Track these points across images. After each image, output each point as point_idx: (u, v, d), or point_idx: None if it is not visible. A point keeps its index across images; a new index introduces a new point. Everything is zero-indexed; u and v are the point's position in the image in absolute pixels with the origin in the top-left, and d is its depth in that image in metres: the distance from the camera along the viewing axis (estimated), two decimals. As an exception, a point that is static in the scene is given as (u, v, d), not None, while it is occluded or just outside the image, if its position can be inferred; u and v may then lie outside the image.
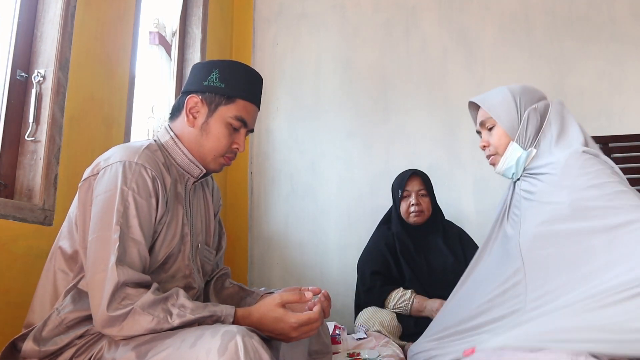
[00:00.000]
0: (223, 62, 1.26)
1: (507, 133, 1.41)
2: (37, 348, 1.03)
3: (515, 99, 1.41)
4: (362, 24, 3.03)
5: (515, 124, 1.40)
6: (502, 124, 1.41)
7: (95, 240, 1.04)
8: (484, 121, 1.46)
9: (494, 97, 1.44)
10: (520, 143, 1.39)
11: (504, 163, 1.42)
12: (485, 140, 1.47)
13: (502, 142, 1.42)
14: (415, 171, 2.29)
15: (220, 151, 1.23)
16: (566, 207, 1.24)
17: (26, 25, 1.60)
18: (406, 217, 2.22)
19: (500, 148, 1.44)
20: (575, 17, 2.84)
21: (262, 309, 1.09)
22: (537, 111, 1.40)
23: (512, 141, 1.40)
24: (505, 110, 1.41)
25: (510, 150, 1.40)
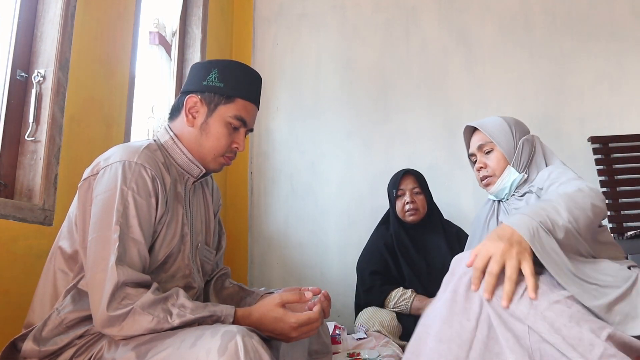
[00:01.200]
0: (222, 62, 1.26)
1: (505, 157, 1.52)
2: (37, 348, 1.03)
3: (511, 128, 1.55)
4: (362, 24, 3.03)
5: (512, 150, 1.52)
6: (502, 149, 1.52)
7: (95, 240, 1.04)
8: (482, 145, 1.57)
9: (493, 124, 1.57)
10: (515, 167, 1.52)
11: (500, 184, 1.52)
12: (483, 162, 1.56)
13: (500, 165, 1.54)
14: (407, 170, 2.30)
15: (220, 151, 1.23)
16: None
17: (26, 25, 1.60)
18: (402, 216, 2.23)
19: (498, 170, 1.55)
20: (575, 17, 2.84)
21: (262, 309, 1.09)
22: (529, 142, 1.54)
23: (509, 165, 1.52)
24: (504, 137, 1.54)
25: (507, 173, 1.52)
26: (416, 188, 2.24)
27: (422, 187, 2.25)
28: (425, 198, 2.25)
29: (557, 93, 2.77)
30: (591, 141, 2.67)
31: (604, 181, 2.60)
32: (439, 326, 0.94)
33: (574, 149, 2.69)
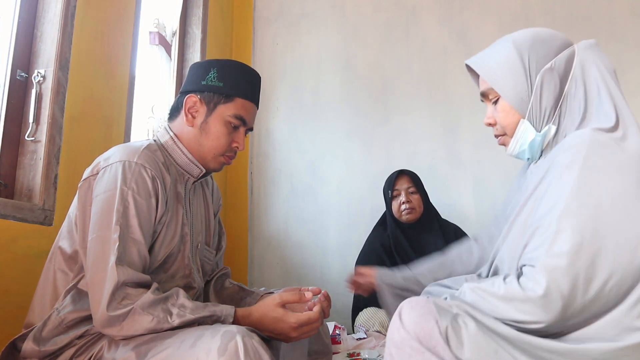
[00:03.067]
0: (221, 61, 1.26)
1: (513, 108, 1.04)
2: (37, 348, 1.03)
3: (523, 58, 1.02)
4: (362, 24, 3.03)
5: (525, 95, 1.02)
6: (507, 97, 1.04)
7: (95, 240, 1.04)
8: (485, 92, 1.10)
9: (495, 58, 1.07)
10: (533, 121, 1.03)
11: (516, 146, 1.07)
12: (490, 117, 1.11)
13: (509, 121, 1.06)
14: (402, 170, 2.30)
15: (220, 150, 1.23)
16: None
17: (26, 25, 1.60)
18: (398, 216, 2.23)
19: (508, 128, 1.07)
20: (575, 16, 2.84)
21: (262, 309, 1.09)
22: (555, 71, 1.01)
23: (522, 119, 1.04)
24: (510, 77, 1.04)
25: (521, 130, 1.05)
26: (411, 187, 2.24)
27: (417, 187, 2.25)
28: (421, 197, 2.25)
29: (557, 93, 2.77)
30: (591, 141, 2.66)
31: (604, 181, 2.58)
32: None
33: (574, 149, 2.68)
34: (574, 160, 0.91)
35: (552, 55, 1.02)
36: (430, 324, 0.85)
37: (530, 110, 1.02)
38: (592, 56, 1.02)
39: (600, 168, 0.90)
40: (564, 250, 0.85)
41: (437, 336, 0.84)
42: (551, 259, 0.85)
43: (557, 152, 0.97)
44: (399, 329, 0.88)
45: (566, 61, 1.02)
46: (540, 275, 0.84)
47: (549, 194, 0.93)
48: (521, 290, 0.86)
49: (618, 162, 0.91)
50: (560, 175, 0.92)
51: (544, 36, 1.05)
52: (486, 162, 2.71)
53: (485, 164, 2.72)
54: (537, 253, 0.88)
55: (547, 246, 0.86)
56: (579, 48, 1.04)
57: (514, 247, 0.98)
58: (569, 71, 1.02)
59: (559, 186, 0.91)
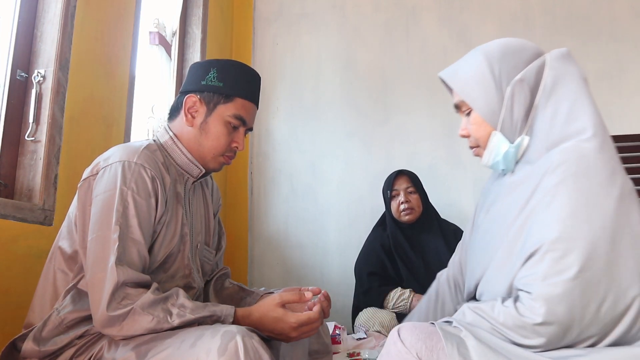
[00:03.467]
0: (221, 61, 1.26)
1: (485, 121, 1.04)
2: (37, 348, 1.03)
3: (493, 69, 1.01)
4: (362, 24, 3.03)
5: (496, 107, 1.01)
6: (479, 110, 1.03)
7: (95, 240, 1.04)
8: (458, 104, 1.09)
9: (466, 70, 1.06)
10: (506, 133, 1.02)
11: (489, 157, 1.06)
12: (464, 128, 1.10)
13: (482, 133, 1.05)
14: (401, 170, 2.29)
15: (219, 150, 1.23)
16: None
17: (26, 25, 1.60)
18: (398, 216, 2.22)
19: (481, 140, 1.07)
20: (575, 16, 2.84)
21: (262, 309, 1.09)
22: (525, 82, 1.00)
23: (494, 131, 1.03)
24: (481, 89, 1.02)
25: (494, 142, 1.03)
26: (410, 187, 2.23)
27: (416, 187, 2.25)
28: (420, 197, 2.24)
29: (557, 93, 2.77)
30: (591, 141, 2.66)
31: (604, 181, 2.58)
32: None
33: (574, 149, 2.68)
34: (563, 180, 0.91)
35: (522, 66, 1.02)
36: (435, 342, 0.85)
37: (502, 121, 1.02)
38: (563, 65, 1.02)
39: (591, 188, 0.90)
40: (561, 278, 0.86)
41: (443, 357, 0.84)
42: (547, 287, 0.86)
43: (544, 170, 0.95)
44: (395, 343, 0.88)
45: (536, 72, 1.01)
46: (537, 302, 0.86)
47: (542, 217, 0.92)
48: (520, 317, 0.87)
49: (605, 176, 0.91)
50: (552, 199, 0.91)
51: (514, 47, 1.05)
52: (486, 162, 2.70)
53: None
54: (532, 279, 0.88)
55: (543, 273, 0.87)
56: (550, 58, 1.03)
57: (502, 271, 0.98)
58: (539, 82, 1.01)
59: (552, 210, 0.90)
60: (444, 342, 0.84)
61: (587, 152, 0.93)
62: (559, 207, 0.90)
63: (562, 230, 0.88)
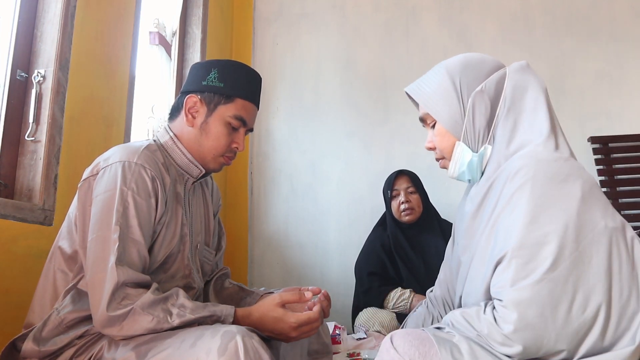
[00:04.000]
0: (222, 62, 1.26)
1: (449, 132, 1.07)
2: (37, 348, 1.03)
3: (455, 82, 1.05)
4: (362, 24, 3.03)
5: (459, 118, 1.04)
6: (442, 121, 1.06)
7: (95, 240, 1.04)
8: (423, 117, 1.12)
9: (430, 84, 1.09)
10: (468, 143, 1.05)
11: (455, 168, 1.08)
12: (430, 141, 1.13)
13: (446, 144, 1.08)
14: (401, 170, 2.29)
15: (219, 151, 1.23)
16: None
17: (26, 25, 1.60)
18: (398, 216, 2.23)
19: (445, 151, 1.09)
20: (575, 16, 2.84)
21: (262, 309, 1.09)
22: (485, 93, 1.03)
23: (457, 141, 1.06)
24: (443, 102, 1.05)
25: (458, 152, 1.06)
26: (410, 187, 2.24)
27: (416, 187, 2.25)
28: (420, 197, 2.24)
29: (557, 93, 2.77)
30: (591, 141, 2.67)
31: (604, 181, 2.60)
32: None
33: (574, 149, 2.65)
34: (522, 185, 0.92)
35: (482, 78, 1.05)
36: (428, 348, 0.85)
37: (464, 132, 1.05)
38: (522, 76, 1.04)
39: (549, 190, 0.91)
40: (528, 281, 0.86)
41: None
42: (516, 292, 0.86)
43: (505, 177, 0.97)
44: (388, 350, 0.88)
45: (497, 83, 1.04)
46: (508, 309, 0.86)
47: (506, 223, 0.93)
48: (497, 327, 0.87)
49: (562, 177, 0.92)
50: (513, 205, 0.92)
51: (475, 60, 1.08)
52: (486, 162, 2.70)
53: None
54: (502, 286, 0.89)
55: (510, 279, 0.88)
56: (510, 70, 1.06)
57: (477, 280, 0.99)
58: (500, 92, 1.04)
59: (514, 216, 0.91)
60: (437, 347, 0.84)
61: (543, 155, 0.95)
62: (520, 212, 0.91)
63: (524, 235, 0.89)
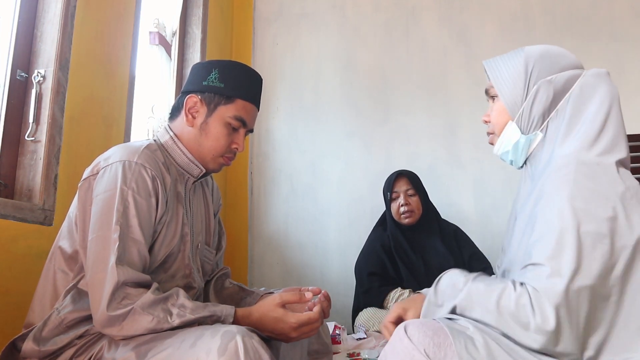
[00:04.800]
0: (222, 62, 1.26)
1: (507, 110, 1.10)
2: (37, 348, 1.03)
3: (528, 66, 1.08)
4: (362, 24, 3.03)
5: (519, 100, 1.08)
6: (503, 98, 1.10)
7: (95, 240, 1.04)
8: (488, 89, 1.16)
9: (505, 63, 1.13)
10: (520, 125, 1.08)
11: (500, 146, 1.13)
12: (487, 114, 1.17)
13: (499, 120, 1.12)
14: (401, 172, 2.28)
15: (219, 151, 1.23)
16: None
17: (26, 25, 1.60)
18: (398, 218, 2.23)
19: (497, 127, 1.13)
20: (575, 16, 2.84)
21: (262, 309, 1.09)
22: (553, 85, 1.05)
23: (511, 121, 1.10)
24: (510, 79, 1.09)
25: (508, 132, 1.10)
26: (410, 190, 2.23)
27: (416, 188, 2.24)
28: (420, 199, 2.24)
29: (557, 93, 2.77)
30: (591, 141, 2.67)
31: (604, 181, 2.59)
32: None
33: (574, 149, 2.68)
34: (559, 187, 0.93)
35: (556, 71, 1.07)
36: (442, 339, 0.85)
37: (520, 114, 1.08)
38: (596, 81, 1.05)
39: (587, 195, 0.91)
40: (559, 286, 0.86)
41: (450, 354, 0.83)
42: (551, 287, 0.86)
43: (547, 172, 0.98)
44: (402, 339, 0.87)
45: (567, 79, 1.06)
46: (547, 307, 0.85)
47: (542, 218, 0.94)
48: (529, 313, 0.86)
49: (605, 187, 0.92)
50: (550, 203, 0.93)
51: (554, 52, 1.11)
52: (486, 162, 2.71)
53: (485, 164, 2.72)
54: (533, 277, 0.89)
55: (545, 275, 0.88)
56: (587, 73, 1.07)
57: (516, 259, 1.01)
58: (567, 89, 1.05)
59: (550, 212, 0.92)
60: (452, 339, 0.84)
61: (588, 159, 0.95)
62: (556, 209, 0.91)
63: (560, 234, 0.89)
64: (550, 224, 0.91)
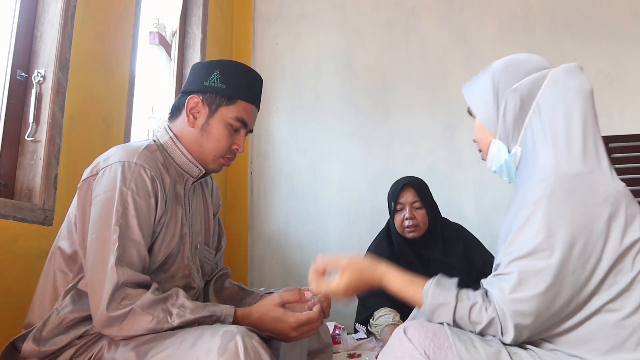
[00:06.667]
0: (223, 63, 1.26)
1: (484, 127, 1.08)
2: (36, 348, 1.03)
3: (494, 80, 1.05)
4: (362, 24, 3.03)
5: (493, 114, 1.05)
6: (478, 115, 1.08)
7: (95, 240, 1.04)
8: (469, 110, 1.14)
9: (477, 81, 1.11)
10: (502, 139, 1.05)
11: (491, 164, 1.11)
12: (474, 133, 1.15)
13: (482, 138, 1.11)
14: (408, 182, 2.06)
15: (220, 152, 1.23)
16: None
17: (26, 25, 1.60)
18: (401, 231, 2.04)
19: (482, 145, 1.12)
20: (575, 16, 2.84)
21: (262, 309, 1.09)
22: (518, 92, 1.01)
23: (494, 139, 1.07)
24: (482, 97, 1.07)
25: (493, 150, 1.08)
26: (417, 202, 2.03)
27: (423, 201, 2.03)
28: (427, 211, 2.04)
29: (557, 93, 2.77)
30: (591, 141, 2.67)
31: (604, 181, 2.59)
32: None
33: (574, 149, 2.68)
34: (540, 199, 0.91)
35: (520, 78, 1.03)
36: (442, 340, 0.86)
37: (498, 128, 1.05)
38: (563, 79, 1.01)
39: (564, 209, 0.89)
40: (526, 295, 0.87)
41: (451, 355, 0.84)
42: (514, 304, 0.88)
43: (528, 184, 0.96)
44: (401, 340, 0.88)
45: (532, 83, 1.01)
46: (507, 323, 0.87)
47: (516, 234, 0.93)
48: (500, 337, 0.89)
49: (583, 199, 0.90)
50: (527, 217, 0.92)
51: (518, 60, 1.06)
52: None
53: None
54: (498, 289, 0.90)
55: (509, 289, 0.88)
56: (553, 72, 1.02)
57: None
58: (534, 93, 1.01)
59: (527, 228, 0.91)
60: (452, 340, 0.85)
61: (564, 169, 0.93)
62: (532, 224, 0.91)
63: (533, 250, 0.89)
64: (525, 235, 0.91)
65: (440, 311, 0.92)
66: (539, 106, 1.00)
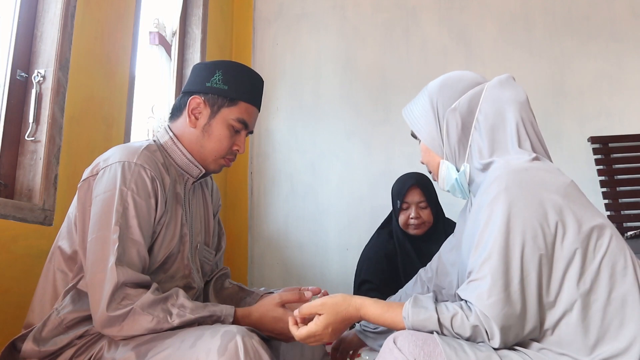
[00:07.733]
0: (225, 63, 1.26)
1: (430, 149, 1.10)
2: (36, 348, 1.03)
3: (432, 102, 1.08)
4: (362, 24, 3.03)
5: (437, 136, 1.07)
6: (422, 138, 1.10)
7: (95, 240, 1.04)
8: (413, 134, 1.15)
9: (416, 104, 1.14)
10: (451, 160, 1.07)
11: (443, 184, 1.12)
12: (422, 156, 1.16)
13: (429, 160, 1.12)
14: (415, 182, 2.07)
15: (221, 152, 1.23)
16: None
17: (26, 25, 1.60)
18: (405, 228, 2.07)
19: (431, 166, 1.13)
20: (575, 16, 2.84)
21: (262, 309, 1.10)
22: (458, 111, 1.04)
23: (442, 160, 1.09)
24: (423, 120, 1.09)
25: (444, 170, 1.09)
26: (423, 202, 2.05)
27: (429, 200, 2.06)
28: (432, 210, 2.07)
29: (557, 93, 2.77)
30: (591, 141, 2.67)
31: (604, 181, 2.60)
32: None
33: (574, 149, 2.69)
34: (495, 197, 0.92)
35: (457, 97, 1.06)
36: (432, 348, 0.86)
37: (443, 149, 1.07)
38: (498, 92, 1.04)
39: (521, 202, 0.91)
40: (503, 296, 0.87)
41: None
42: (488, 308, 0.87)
43: (482, 189, 0.98)
44: (392, 350, 0.87)
45: (470, 100, 1.05)
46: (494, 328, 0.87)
47: (479, 237, 0.94)
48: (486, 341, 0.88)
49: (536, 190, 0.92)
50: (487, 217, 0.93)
51: (452, 79, 1.10)
52: (486, 162, 2.70)
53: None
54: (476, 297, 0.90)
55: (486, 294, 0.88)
56: (488, 86, 1.06)
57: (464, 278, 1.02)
58: (473, 109, 1.04)
59: (489, 227, 0.92)
60: (442, 347, 0.85)
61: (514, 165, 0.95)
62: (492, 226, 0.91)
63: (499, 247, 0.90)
64: (490, 233, 0.91)
65: (424, 328, 0.91)
66: (479, 122, 1.03)
